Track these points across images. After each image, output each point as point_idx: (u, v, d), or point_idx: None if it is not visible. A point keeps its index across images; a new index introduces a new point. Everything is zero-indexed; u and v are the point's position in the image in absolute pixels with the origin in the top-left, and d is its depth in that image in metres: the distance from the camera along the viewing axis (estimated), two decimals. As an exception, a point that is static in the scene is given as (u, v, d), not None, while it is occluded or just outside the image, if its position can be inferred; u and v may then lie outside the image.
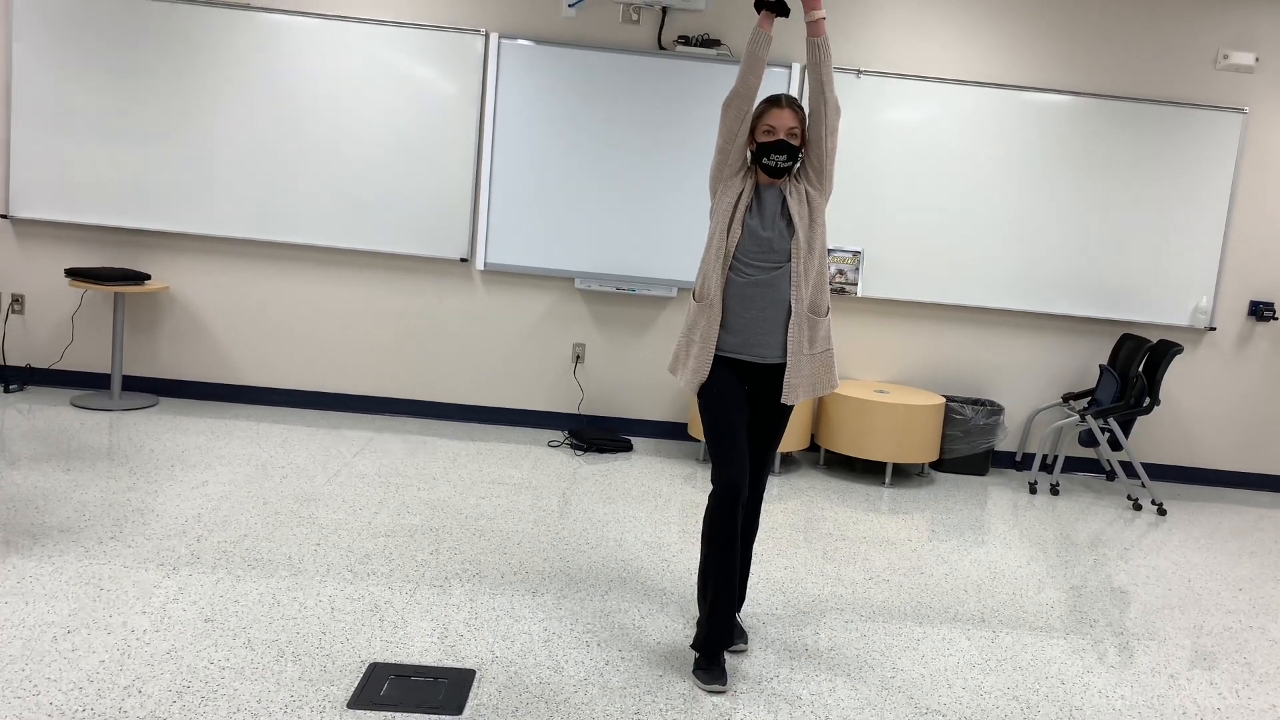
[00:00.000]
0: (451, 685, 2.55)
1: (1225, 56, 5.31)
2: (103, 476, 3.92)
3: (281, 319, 5.36)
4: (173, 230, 5.20)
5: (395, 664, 2.63)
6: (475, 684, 2.57)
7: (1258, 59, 5.33)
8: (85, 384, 5.34)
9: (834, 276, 5.36)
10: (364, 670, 2.58)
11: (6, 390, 5.15)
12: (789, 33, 5.23)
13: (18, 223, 5.21)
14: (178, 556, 3.20)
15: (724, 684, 2.66)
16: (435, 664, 2.65)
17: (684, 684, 2.68)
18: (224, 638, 2.68)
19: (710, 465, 2.83)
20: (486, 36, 5.14)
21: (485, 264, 5.29)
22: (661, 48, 5.22)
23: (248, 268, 5.31)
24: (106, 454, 4.23)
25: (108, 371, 5.32)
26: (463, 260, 5.31)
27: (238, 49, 5.09)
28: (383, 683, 2.53)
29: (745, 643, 2.94)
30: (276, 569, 3.18)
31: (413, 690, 2.50)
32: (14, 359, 5.30)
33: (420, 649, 2.73)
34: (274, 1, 5.10)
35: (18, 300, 5.27)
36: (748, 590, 3.39)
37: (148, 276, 5.11)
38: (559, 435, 5.35)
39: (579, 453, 5.03)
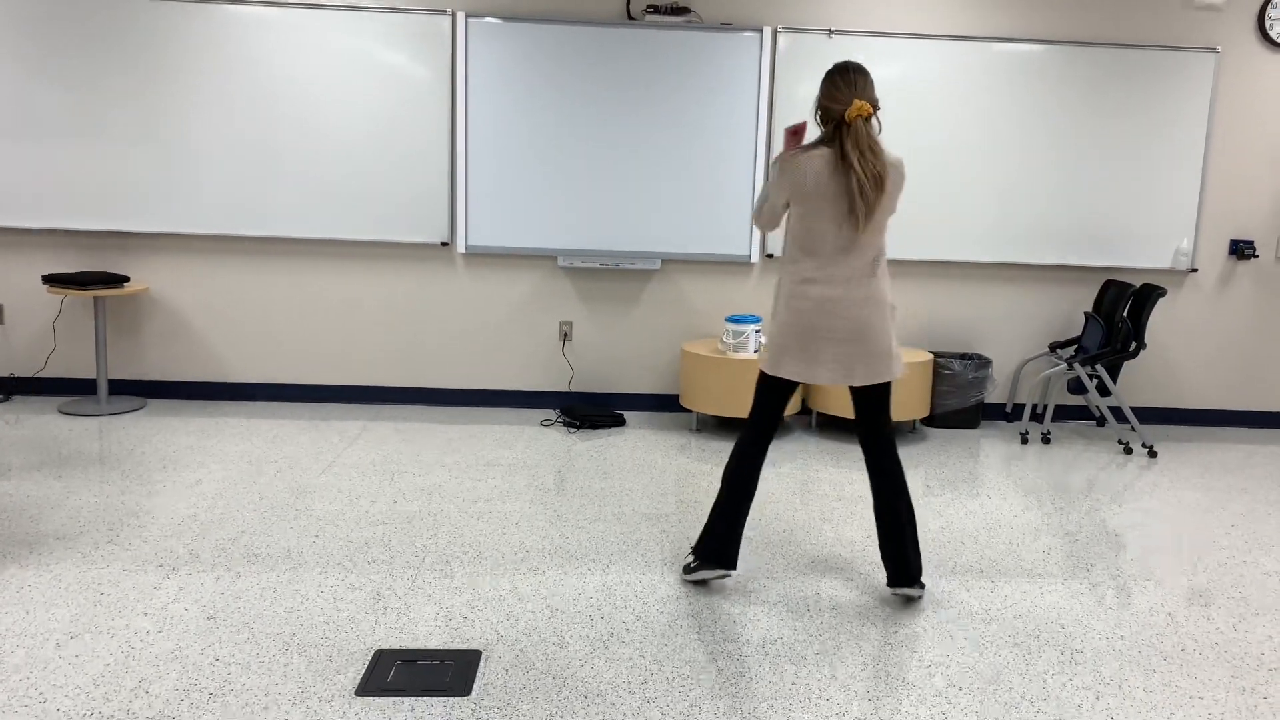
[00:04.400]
0: (458, 667, 2.56)
1: (1195, -4, 5.30)
2: (95, 481, 3.90)
3: (266, 314, 5.32)
4: (149, 230, 5.15)
5: (401, 649, 2.64)
6: (482, 664, 2.58)
7: (1228, -3, 5.32)
8: (71, 390, 5.30)
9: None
10: (370, 657, 2.59)
11: (-8, 401, 5.11)
12: (758, -4, 5.19)
13: (-9, 232, 5.15)
14: (176, 556, 3.20)
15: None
16: (441, 647, 2.66)
17: (690, 652, 2.70)
18: (228, 634, 2.68)
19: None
20: (454, 16, 5.09)
21: (467, 246, 5.27)
22: (630, 17, 5.18)
23: (228, 264, 5.27)
24: (98, 459, 4.21)
25: (93, 376, 5.28)
26: (444, 244, 5.28)
27: (204, 43, 5.02)
28: (389, 669, 2.53)
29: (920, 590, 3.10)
30: (276, 563, 3.18)
31: (420, 674, 2.51)
32: (-3, 369, 5.26)
33: (425, 633, 2.74)
34: (235, -8, 5.03)
35: (-3, 310, 5.22)
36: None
37: (127, 279, 5.07)
38: (551, 414, 5.35)
39: (572, 430, 5.03)
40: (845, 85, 2.86)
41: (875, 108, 2.86)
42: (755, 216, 3.11)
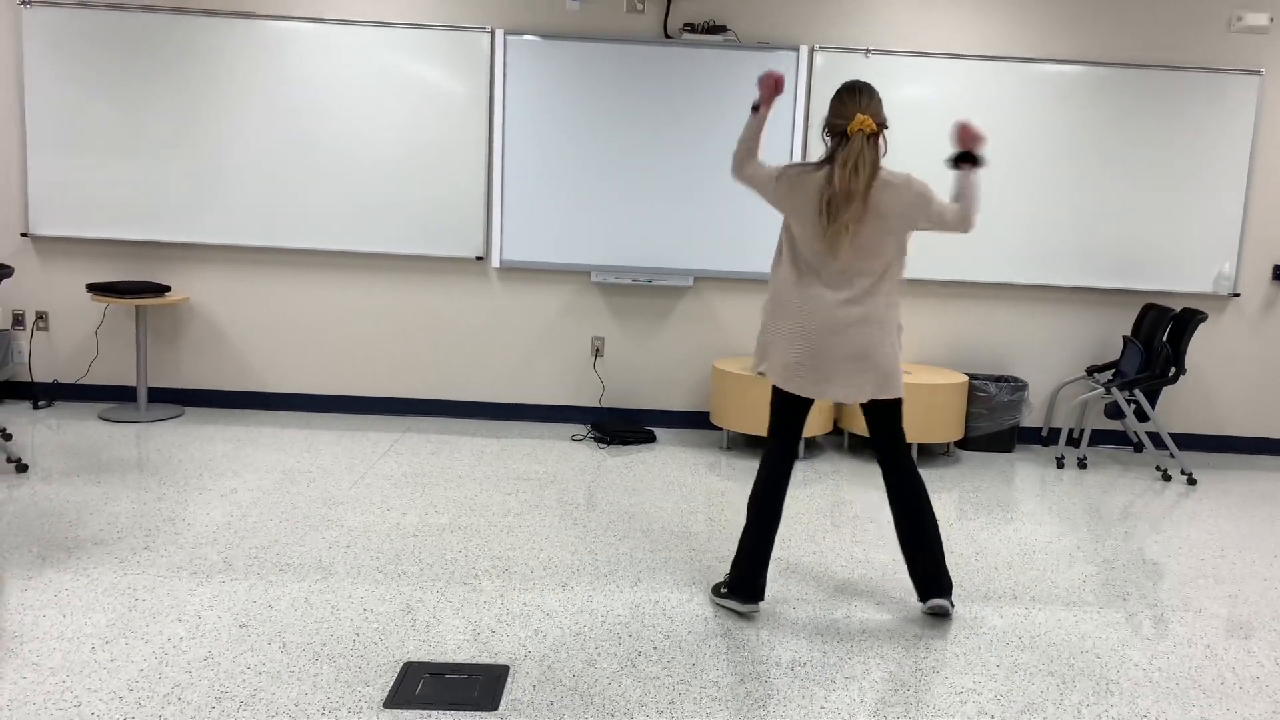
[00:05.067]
0: (486, 682, 2.56)
1: (1239, 19, 5.24)
2: (133, 488, 3.96)
3: (301, 325, 5.39)
4: (190, 241, 5.24)
5: (429, 662, 2.65)
6: (509, 680, 2.59)
7: (1271, 19, 5.24)
8: (112, 397, 5.39)
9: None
10: (398, 670, 2.60)
11: (35, 407, 5.21)
12: (801, 13, 5.20)
13: (38, 240, 5.26)
14: (210, 564, 3.23)
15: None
16: (469, 661, 2.67)
17: (718, 673, 2.68)
18: (259, 642, 2.71)
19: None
20: (492, 34, 5.14)
21: (501, 261, 5.30)
22: (668, 36, 5.21)
23: (265, 275, 5.35)
24: (136, 465, 4.27)
25: (133, 384, 5.37)
26: (478, 259, 5.32)
27: (245, 58, 5.11)
28: (417, 682, 2.54)
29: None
30: (308, 573, 3.20)
31: (447, 688, 2.52)
32: (41, 375, 5.37)
33: (453, 646, 2.75)
34: (278, 8, 5.12)
35: (42, 317, 5.33)
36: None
37: (168, 288, 5.16)
38: (582, 429, 5.36)
39: (602, 445, 5.03)
40: (851, 101, 2.88)
41: (882, 126, 2.86)
42: (733, 156, 3.08)
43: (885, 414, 3.05)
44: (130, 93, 5.11)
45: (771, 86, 3.02)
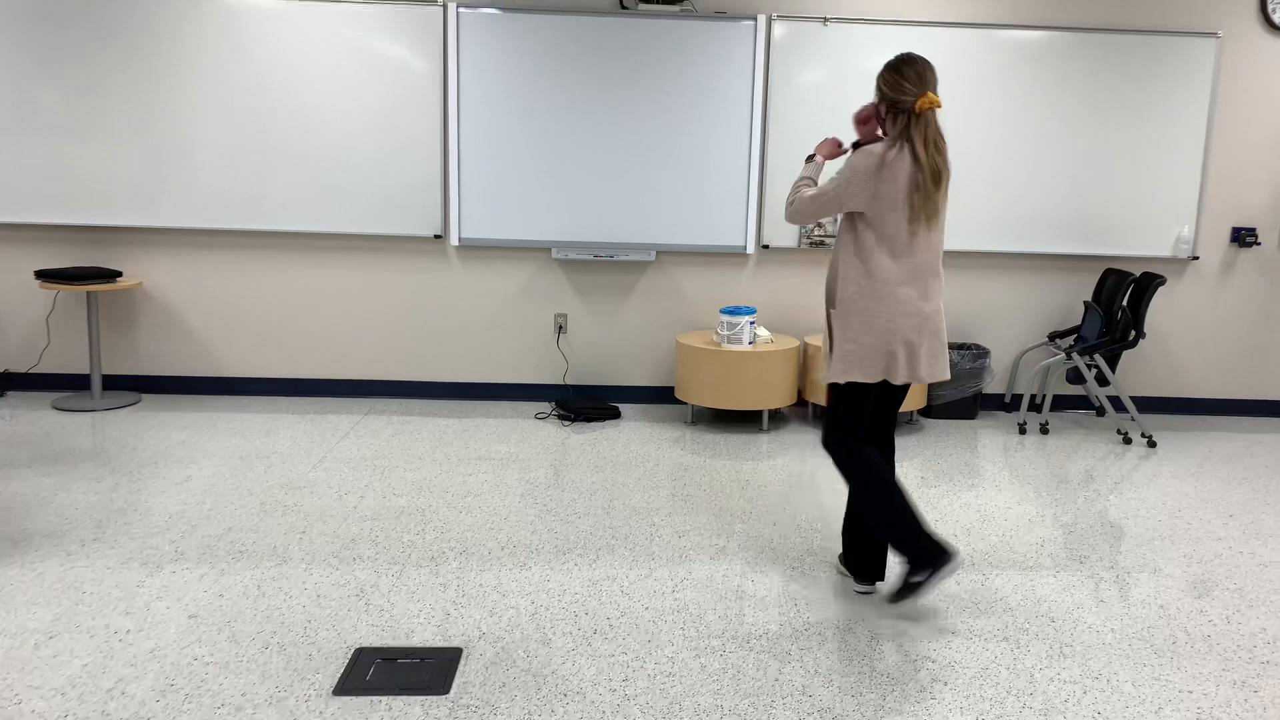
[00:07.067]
0: (438, 665, 2.54)
1: (1197, -21, 5.22)
2: (85, 478, 3.90)
3: (259, 308, 5.31)
4: (142, 225, 5.13)
5: (381, 647, 2.62)
6: (463, 662, 2.56)
7: (1229, -20, 5.23)
8: (65, 386, 5.30)
9: (813, 230, 5.31)
10: (349, 656, 2.57)
11: (-13, 398, 5.11)
12: (751, -17, 5.13)
13: (-17, 228, 5.14)
14: (161, 554, 3.18)
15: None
16: (423, 645, 2.65)
17: (674, 648, 2.67)
18: (208, 633, 2.67)
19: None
20: (444, 6, 5.04)
21: (460, 239, 5.24)
22: (624, 7, 5.13)
23: (221, 258, 5.25)
24: (89, 455, 4.20)
25: (87, 372, 5.28)
26: (437, 237, 5.25)
27: (197, 36, 4.99)
28: (369, 667, 2.52)
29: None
30: (261, 560, 3.16)
31: (399, 673, 2.50)
32: (-8, 366, 5.26)
33: (407, 630, 2.72)
34: (224, -15, 5.00)
35: (-10, 307, 5.22)
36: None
37: (119, 274, 5.05)
38: (546, 407, 5.33)
39: (566, 423, 5.00)
40: (914, 76, 2.83)
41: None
42: (796, 211, 2.97)
43: (901, 396, 3.06)
44: (79, 72, 4.98)
45: (834, 145, 3.13)
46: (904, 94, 2.81)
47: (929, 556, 2.82)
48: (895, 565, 3.21)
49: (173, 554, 3.19)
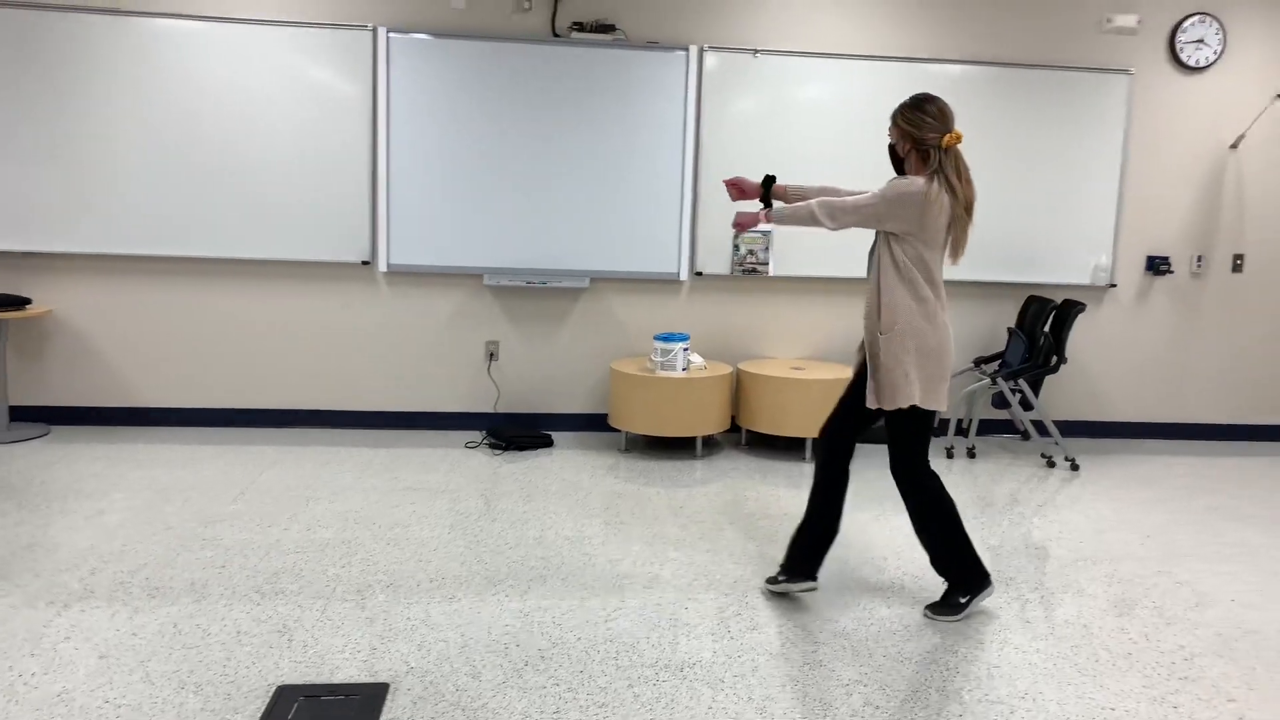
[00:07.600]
0: (364, 701, 2.46)
1: (1109, 20, 5.44)
2: (-11, 514, 3.72)
3: (179, 336, 5.15)
4: (54, 250, 4.95)
5: (304, 685, 2.53)
6: (389, 698, 2.49)
7: (1140, 20, 5.46)
8: (-29, 418, 5.06)
9: (745, 258, 5.36)
10: (270, 694, 2.48)
11: (-116, 430, 4.85)
12: (690, 12, 5.19)
13: (-116, 252, 4.91)
14: (70, 592, 3.04)
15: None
16: (348, 681, 2.56)
17: (606, 679, 2.63)
18: (120, 674, 2.55)
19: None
20: (374, 31, 5.00)
21: (389, 265, 5.16)
22: (555, 35, 5.14)
23: (138, 284, 5.09)
24: (-6, 490, 4.01)
25: (-5, 403, 5.05)
26: (365, 263, 5.17)
27: (116, 57, 4.86)
28: (291, 705, 2.43)
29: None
30: (178, 596, 3.04)
31: (322, 710, 2.41)
32: (-109, 397, 5.00)
33: (332, 667, 2.63)
34: (151, 4, 4.88)
35: (-110, 334, 4.97)
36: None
37: (28, 301, 4.86)
38: (477, 435, 5.26)
39: (498, 452, 4.94)
40: (936, 113, 2.94)
41: None
42: (833, 216, 3.00)
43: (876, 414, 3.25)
44: (-16, 94, 4.81)
45: (753, 218, 3.18)
46: (929, 131, 2.93)
47: (977, 582, 3.13)
48: (915, 577, 3.21)
49: (82, 592, 3.04)
